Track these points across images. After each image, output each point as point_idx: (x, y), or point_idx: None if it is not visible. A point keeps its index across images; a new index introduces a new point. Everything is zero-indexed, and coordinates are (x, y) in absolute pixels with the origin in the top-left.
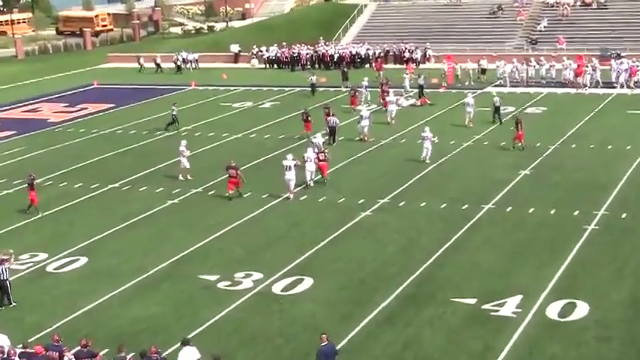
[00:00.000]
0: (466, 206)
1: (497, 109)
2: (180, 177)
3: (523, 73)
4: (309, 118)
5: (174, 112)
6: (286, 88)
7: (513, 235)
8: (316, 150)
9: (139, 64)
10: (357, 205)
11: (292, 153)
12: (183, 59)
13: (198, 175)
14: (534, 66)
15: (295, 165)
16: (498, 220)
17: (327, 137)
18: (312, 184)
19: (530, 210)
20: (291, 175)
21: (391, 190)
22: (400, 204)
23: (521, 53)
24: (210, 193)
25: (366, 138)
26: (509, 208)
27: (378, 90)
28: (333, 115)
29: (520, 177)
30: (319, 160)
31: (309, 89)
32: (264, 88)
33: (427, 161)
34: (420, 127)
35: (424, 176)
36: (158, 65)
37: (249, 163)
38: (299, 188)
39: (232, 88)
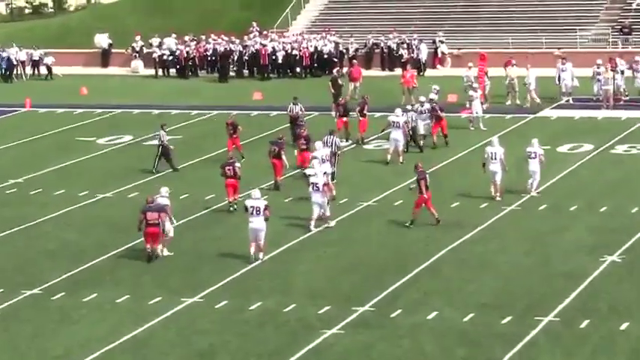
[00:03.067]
0: (508, 319)
1: (413, 130)
2: (164, 251)
3: (608, 84)
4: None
5: (163, 140)
6: (193, 112)
7: None
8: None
9: None
10: (318, 317)
11: (209, 220)
12: (14, 59)
13: (25, 269)
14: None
15: (266, 209)
16: (567, 342)
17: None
18: (324, 226)
19: (623, 326)
20: (259, 224)
21: (377, 290)
22: (393, 314)
23: (606, 50)
24: (55, 297)
25: (332, 193)
26: (586, 323)
27: (333, 113)
28: (331, 134)
29: (603, 267)
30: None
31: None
32: (155, 111)
33: (534, 193)
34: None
35: (435, 265)
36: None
37: (127, 244)
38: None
39: (98, 112)
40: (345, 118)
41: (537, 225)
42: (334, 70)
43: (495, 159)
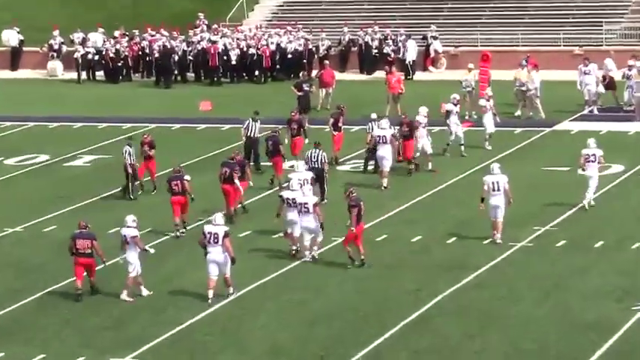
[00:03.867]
0: None
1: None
2: (143, 291)
3: None
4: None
5: (127, 158)
6: (126, 125)
7: None
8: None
9: None
10: None
11: (147, 258)
12: None
13: None
14: None
15: (225, 236)
16: None
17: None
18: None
19: None
20: (217, 255)
21: (354, 348)
22: None
23: (638, 47)
24: None
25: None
26: None
27: (286, 127)
28: (317, 146)
29: (636, 317)
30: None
31: None
32: (77, 125)
33: (592, 203)
34: (410, 207)
35: (427, 316)
36: None
37: (44, 289)
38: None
39: (6, 125)
40: (306, 140)
41: (554, 266)
42: (301, 74)
43: (498, 190)
